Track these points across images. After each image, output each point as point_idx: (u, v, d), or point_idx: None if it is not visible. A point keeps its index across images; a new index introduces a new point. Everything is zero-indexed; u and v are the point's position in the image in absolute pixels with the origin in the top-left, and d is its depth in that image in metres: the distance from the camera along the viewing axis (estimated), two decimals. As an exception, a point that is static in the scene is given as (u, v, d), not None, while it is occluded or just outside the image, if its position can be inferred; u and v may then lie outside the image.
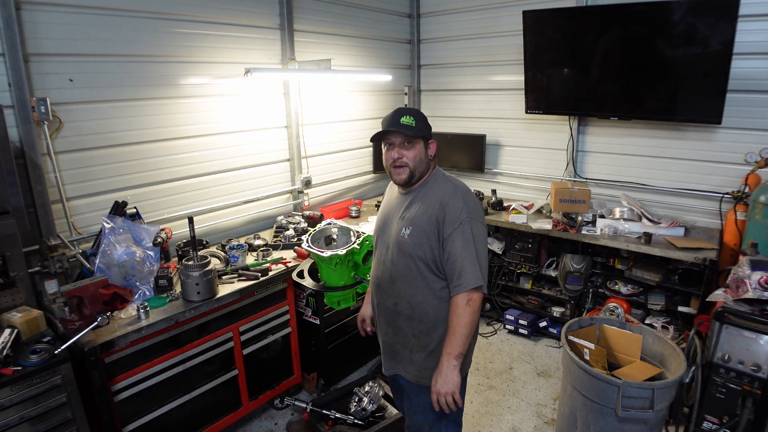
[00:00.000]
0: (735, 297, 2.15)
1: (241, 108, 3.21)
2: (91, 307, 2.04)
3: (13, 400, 1.73)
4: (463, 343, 1.60)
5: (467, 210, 1.64)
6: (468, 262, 1.59)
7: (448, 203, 1.64)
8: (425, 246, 1.66)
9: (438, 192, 1.69)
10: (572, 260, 3.41)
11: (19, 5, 2.18)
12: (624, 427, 2.09)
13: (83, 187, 2.53)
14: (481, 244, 1.64)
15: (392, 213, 1.80)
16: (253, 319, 2.64)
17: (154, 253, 2.43)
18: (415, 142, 1.71)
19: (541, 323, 3.70)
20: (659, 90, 3.20)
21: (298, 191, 3.69)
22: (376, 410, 2.68)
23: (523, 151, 4.19)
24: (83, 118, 2.47)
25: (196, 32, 2.88)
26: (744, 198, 2.96)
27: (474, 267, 1.59)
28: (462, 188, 1.72)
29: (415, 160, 1.71)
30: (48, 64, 2.31)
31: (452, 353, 1.60)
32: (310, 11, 3.52)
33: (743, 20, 2.79)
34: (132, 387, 2.16)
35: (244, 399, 2.68)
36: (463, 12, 4.22)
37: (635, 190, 3.63)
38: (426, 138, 1.75)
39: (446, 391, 1.60)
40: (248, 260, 2.82)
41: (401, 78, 4.58)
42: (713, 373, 2.17)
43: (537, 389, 3.14)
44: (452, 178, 1.77)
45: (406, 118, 1.70)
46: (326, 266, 2.08)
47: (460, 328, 1.60)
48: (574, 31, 3.46)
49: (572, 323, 2.49)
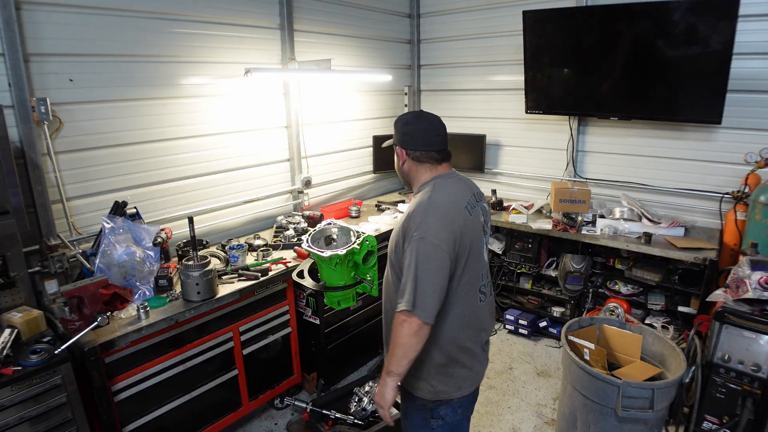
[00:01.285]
0: (735, 297, 2.16)
1: (241, 108, 3.21)
2: (91, 307, 2.04)
3: (13, 400, 1.72)
4: (395, 363, 1.50)
5: (422, 227, 1.50)
6: (409, 282, 1.49)
7: (411, 216, 1.56)
8: (396, 254, 1.62)
9: (413, 202, 1.63)
10: (572, 260, 3.41)
11: (19, 5, 2.18)
12: (624, 427, 2.10)
13: (83, 187, 2.53)
14: (424, 265, 1.48)
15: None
16: (253, 319, 2.64)
17: (154, 253, 2.43)
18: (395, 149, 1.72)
19: (541, 323, 3.70)
20: (659, 90, 3.20)
21: (298, 191, 3.69)
22: (376, 410, 2.68)
23: (523, 151, 4.19)
24: (83, 118, 2.48)
25: (196, 32, 2.88)
26: (744, 198, 2.96)
27: (411, 288, 1.48)
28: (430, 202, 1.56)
29: (397, 167, 1.75)
30: (48, 64, 2.31)
31: (386, 368, 1.55)
32: (310, 11, 3.52)
33: (743, 20, 2.79)
34: (132, 387, 2.16)
35: (244, 399, 2.68)
36: (463, 12, 4.23)
37: (635, 190, 3.63)
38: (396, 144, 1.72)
39: (379, 403, 1.57)
40: (248, 260, 2.82)
41: (401, 78, 4.58)
42: (713, 373, 2.17)
43: (537, 389, 3.14)
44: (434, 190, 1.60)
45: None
46: (326, 266, 2.08)
47: (393, 346, 1.51)
48: (574, 31, 3.46)
49: (572, 323, 2.49)
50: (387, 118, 4.50)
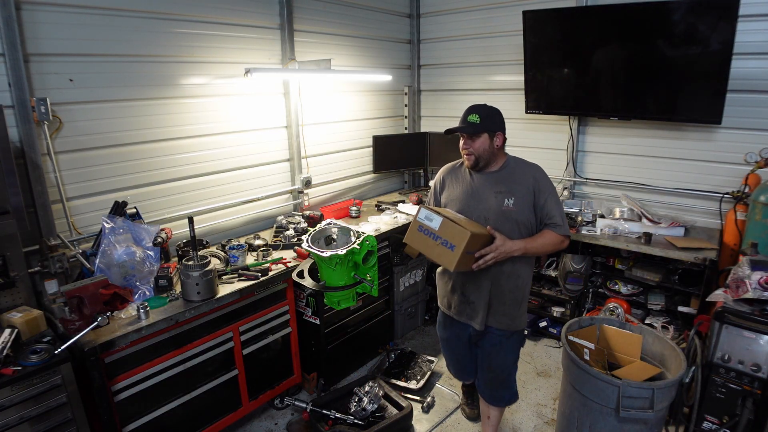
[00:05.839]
0: (735, 297, 2.15)
1: (241, 108, 3.21)
2: (91, 307, 2.04)
3: (13, 400, 1.73)
4: (535, 247, 2.08)
5: (551, 183, 2.17)
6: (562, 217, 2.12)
7: (540, 179, 2.13)
8: (527, 212, 2.10)
9: (527, 171, 2.16)
10: (572, 260, 3.41)
11: (19, 5, 2.18)
12: (624, 427, 2.09)
13: (83, 187, 2.53)
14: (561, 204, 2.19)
15: (479, 190, 2.17)
16: (253, 319, 2.64)
17: (154, 253, 2.42)
18: (479, 135, 2.11)
19: (541, 323, 3.70)
20: (659, 90, 3.19)
21: (298, 191, 3.69)
22: (376, 410, 2.69)
23: (523, 151, 4.12)
24: (83, 118, 2.48)
25: (196, 32, 2.88)
26: (744, 198, 2.96)
27: (566, 222, 2.15)
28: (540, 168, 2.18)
29: (479, 150, 2.12)
30: (48, 64, 2.31)
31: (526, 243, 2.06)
32: (310, 11, 3.52)
33: (743, 20, 2.78)
34: (132, 387, 2.16)
35: (244, 399, 2.68)
36: (463, 12, 4.22)
37: (635, 190, 3.63)
38: (491, 131, 2.10)
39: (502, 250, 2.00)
40: (248, 260, 2.82)
41: (401, 78, 4.58)
42: (713, 373, 2.17)
43: (537, 389, 3.14)
44: (525, 160, 2.22)
45: (473, 116, 2.11)
46: (326, 266, 2.08)
47: (545, 243, 2.10)
48: (573, 31, 3.46)
49: (572, 323, 2.49)
50: (387, 118, 4.50)
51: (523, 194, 2.10)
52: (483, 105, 2.15)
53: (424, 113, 4.80)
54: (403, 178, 4.88)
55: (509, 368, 2.34)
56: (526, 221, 2.11)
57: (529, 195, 2.10)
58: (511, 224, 2.10)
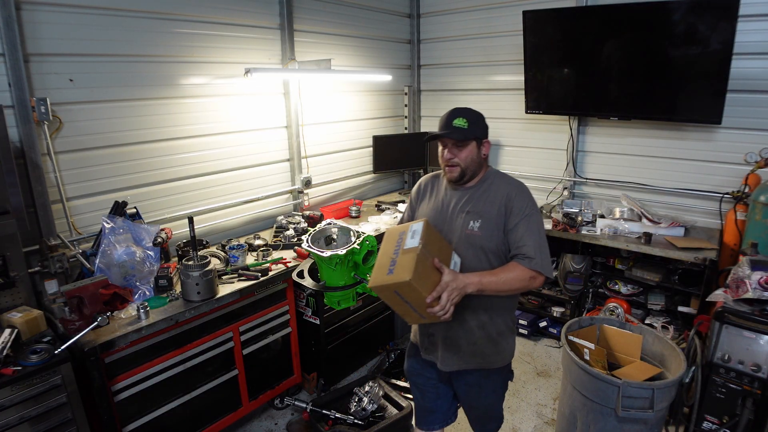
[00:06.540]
0: (735, 297, 2.15)
1: (241, 108, 3.21)
2: (91, 307, 2.04)
3: (13, 400, 1.72)
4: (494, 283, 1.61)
5: (531, 204, 1.75)
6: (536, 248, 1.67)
7: (515, 197, 1.73)
8: (496, 238, 1.72)
9: (502, 187, 1.77)
10: (572, 260, 3.41)
11: (19, 5, 2.18)
12: (624, 427, 2.09)
13: (83, 187, 2.53)
14: (543, 233, 1.74)
15: (448, 208, 1.83)
16: (253, 319, 2.64)
17: (154, 253, 2.42)
18: (467, 143, 1.74)
19: (541, 323, 3.70)
20: (659, 90, 3.19)
21: (298, 191, 3.69)
22: (376, 410, 2.68)
23: (523, 151, 4.19)
24: (83, 118, 2.47)
25: (196, 32, 2.88)
26: (744, 198, 2.96)
27: (544, 254, 1.68)
28: (522, 185, 1.80)
29: (466, 160, 1.75)
30: (48, 64, 2.31)
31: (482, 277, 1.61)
32: (310, 11, 3.52)
33: (743, 20, 2.78)
34: (132, 387, 2.16)
35: (244, 399, 2.68)
36: (463, 12, 4.23)
37: (635, 190, 3.63)
38: (479, 138, 1.77)
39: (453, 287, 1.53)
40: (248, 260, 2.81)
41: (401, 78, 4.58)
42: (713, 373, 2.17)
43: (537, 389, 3.14)
44: (508, 176, 1.85)
45: (459, 120, 1.73)
46: (326, 266, 2.07)
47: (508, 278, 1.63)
48: (573, 31, 3.46)
49: (572, 323, 2.49)
50: (387, 118, 4.50)
51: (492, 216, 1.73)
52: (468, 108, 1.80)
53: (424, 113, 4.80)
54: (403, 178, 4.88)
55: (494, 405, 2.01)
56: (496, 249, 1.73)
57: (499, 217, 1.72)
58: (476, 251, 1.74)
